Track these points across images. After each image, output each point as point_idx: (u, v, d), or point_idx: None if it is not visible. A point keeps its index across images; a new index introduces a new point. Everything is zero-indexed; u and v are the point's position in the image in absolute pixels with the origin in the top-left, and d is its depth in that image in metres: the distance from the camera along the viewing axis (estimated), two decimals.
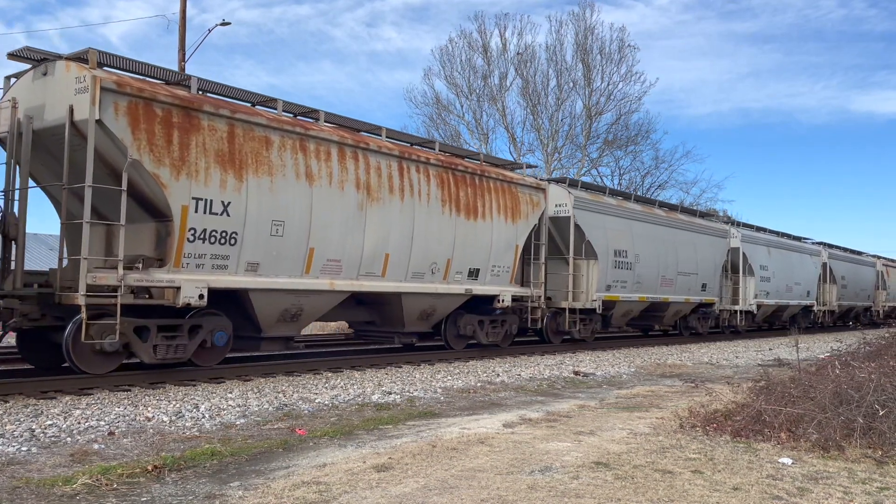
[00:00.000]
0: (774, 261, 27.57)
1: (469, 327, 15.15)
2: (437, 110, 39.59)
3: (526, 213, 16.04)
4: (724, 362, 16.56)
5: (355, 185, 12.12)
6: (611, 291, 18.57)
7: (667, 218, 21.79)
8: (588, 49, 38.26)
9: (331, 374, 11.78)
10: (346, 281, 12.16)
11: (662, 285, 20.71)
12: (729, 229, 25.49)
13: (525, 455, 6.23)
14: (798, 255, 30.17)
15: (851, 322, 37.12)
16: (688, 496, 5.08)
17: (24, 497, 4.86)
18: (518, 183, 15.91)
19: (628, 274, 19.26)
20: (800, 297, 29.92)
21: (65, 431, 6.96)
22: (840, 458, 6.21)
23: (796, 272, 29.53)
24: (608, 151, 39.93)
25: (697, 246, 22.70)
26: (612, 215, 19.05)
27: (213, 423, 7.63)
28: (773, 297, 27.42)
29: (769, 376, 8.87)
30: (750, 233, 26.97)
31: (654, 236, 20.62)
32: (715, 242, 23.99)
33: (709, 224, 24.40)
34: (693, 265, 22.30)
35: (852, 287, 36.43)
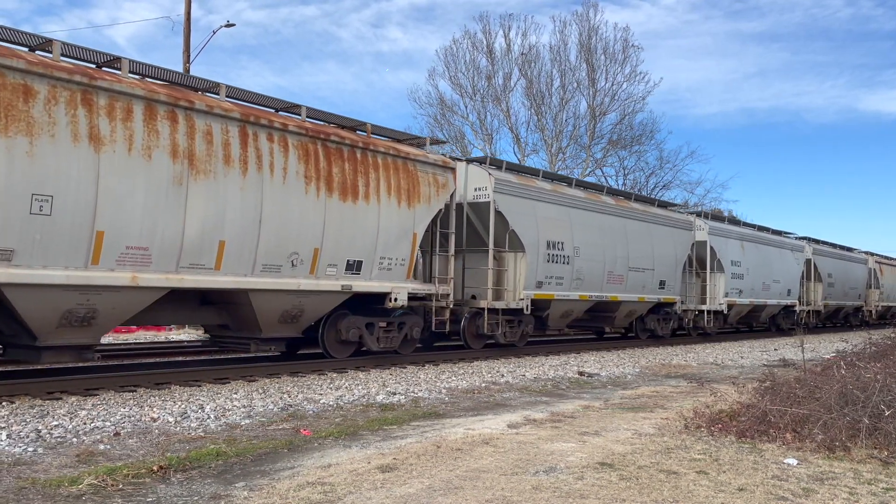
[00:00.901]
0: (749, 256, 25.33)
1: (354, 331, 12.68)
2: (442, 111, 39.67)
3: (428, 196, 13.55)
4: (730, 362, 16.53)
5: (170, 154, 9.59)
6: (543, 289, 16.27)
7: (616, 206, 19.33)
8: (592, 49, 38.28)
9: (335, 375, 11.80)
10: (159, 275, 9.60)
11: (610, 282, 18.39)
12: (694, 220, 23.27)
13: (530, 455, 6.23)
14: (777, 251, 27.86)
15: (841, 323, 35.76)
16: (693, 497, 5.07)
17: (30, 497, 4.88)
18: (417, 160, 13.36)
19: (565, 269, 16.82)
20: (779, 295, 27.63)
21: (70, 432, 6.98)
22: (846, 459, 6.19)
23: (775, 269, 27.29)
24: (612, 152, 39.96)
25: (655, 238, 20.36)
26: (546, 202, 16.64)
27: (218, 424, 7.64)
28: (748, 296, 25.22)
29: (774, 377, 8.85)
30: (719, 225, 24.78)
31: (600, 226, 18.22)
32: (676, 235, 21.61)
33: (669, 214, 21.89)
34: (648, 260, 19.96)
35: (840, 285, 34.07)
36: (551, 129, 38.60)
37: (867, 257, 38.46)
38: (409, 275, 13.43)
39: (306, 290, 11.53)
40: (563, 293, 16.92)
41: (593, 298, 17.89)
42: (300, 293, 11.48)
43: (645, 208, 20.65)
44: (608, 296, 18.36)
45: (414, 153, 13.47)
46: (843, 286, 34.26)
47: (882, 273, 39.67)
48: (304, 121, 11.79)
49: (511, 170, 16.86)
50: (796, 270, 29.19)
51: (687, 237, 22.26)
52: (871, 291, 38.61)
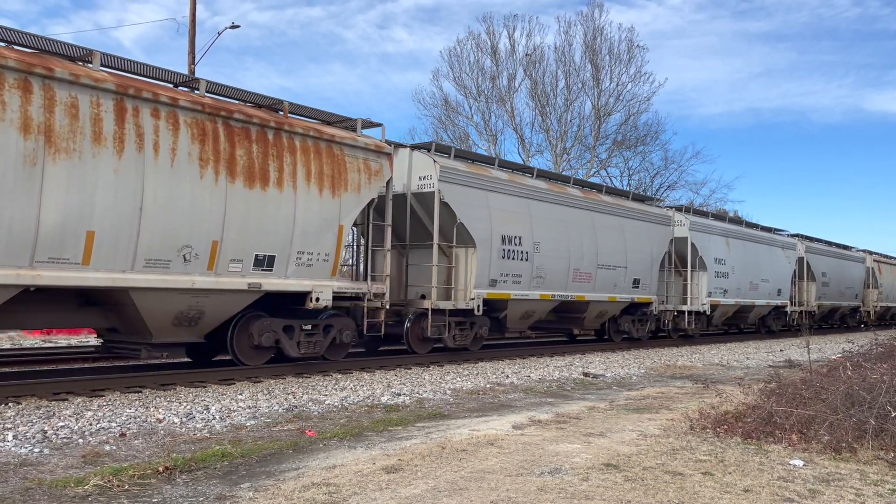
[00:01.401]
0: (735, 253, 23.81)
1: (268, 335, 11.29)
2: (446, 111, 39.69)
3: (357, 184, 12.07)
4: (735, 363, 16.49)
5: (20, 129, 8.31)
6: (498, 288, 14.95)
7: (583, 199, 17.82)
8: (597, 50, 38.27)
9: (340, 376, 11.80)
10: (6, 270, 8.31)
11: (576, 281, 17.00)
12: (672, 215, 21.63)
13: (535, 456, 6.22)
14: (766, 248, 26.21)
15: (837, 325, 34.52)
16: (698, 498, 5.06)
17: (36, 498, 4.89)
18: (344, 143, 11.93)
19: (523, 266, 15.49)
20: (768, 295, 26.04)
21: (76, 433, 7.00)
22: (852, 460, 6.17)
23: (764, 267, 25.66)
24: (617, 152, 39.94)
25: (628, 234, 18.91)
26: (501, 192, 15.28)
27: (224, 425, 7.66)
28: (733, 296, 23.68)
29: (780, 378, 8.83)
30: (701, 220, 22.99)
31: (564, 220, 16.80)
32: (653, 230, 20.08)
33: (644, 208, 20.32)
34: (620, 257, 18.55)
35: (836, 285, 32.28)
36: (556, 130, 38.62)
37: (865, 256, 36.86)
38: (335, 272, 11.87)
39: (204, 289, 10.19)
40: (522, 292, 15.49)
41: (557, 298, 16.50)
42: (197, 292, 10.14)
43: (617, 201, 19.15)
44: (574, 295, 16.93)
45: (340, 136, 11.94)
46: (838, 286, 32.58)
47: (881, 272, 38.05)
48: (203, 96, 10.38)
49: (461, 157, 15.59)
50: (787, 269, 27.66)
51: (665, 233, 20.79)
52: (870, 291, 36.94)
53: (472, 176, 14.79)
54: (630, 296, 19.07)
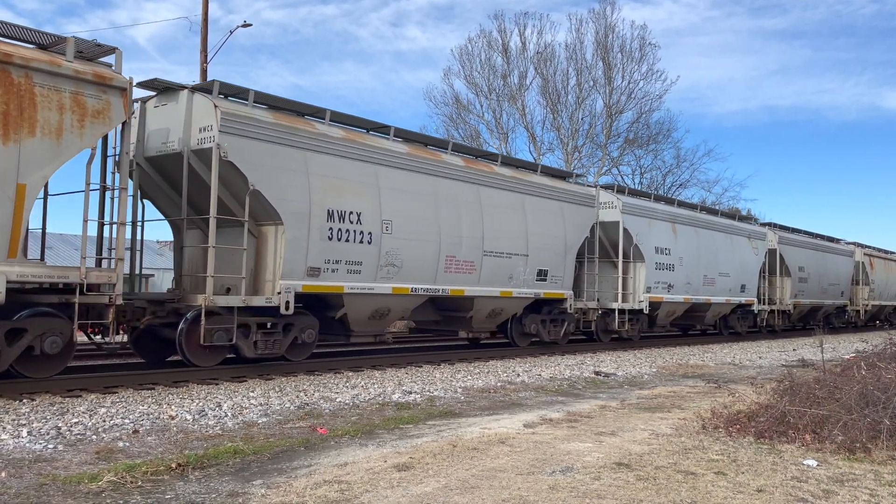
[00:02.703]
0: (684, 242, 20.66)
1: None
2: (457, 110, 39.67)
3: (54, 127, 8.74)
4: (748, 363, 16.41)
5: None
6: (321, 279, 11.55)
7: (465, 169, 14.30)
8: (609, 47, 38.13)
9: (351, 374, 11.83)
10: None
11: (451, 271, 13.73)
12: (598, 194, 18.31)
13: (546, 455, 6.21)
14: (726, 237, 22.97)
15: (819, 325, 29.85)
16: (711, 498, 5.04)
17: (50, 494, 4.93)
18: (31, 67, 8.53)
19: (365, 251, 12.11)
20: (729, 292, 22.91)
21: (90, 429, 7.05)
22: (866, 460, 6.13)
23: (723, 259, 22.45)
24: (629, 150, 39.80)
25: (530, 214, 15.67)
26: (330, 153, 11.81)
27: (236, 422, 7.69)
28: (681, 292, 20.39)
29: (793, 377, 8.77)
30: (638, 202, 19.55)
31: (435, 194, 13.47)
32: (569, 211, 16.82)
33: (556, 184, 16.75)
34: (518, 242, 15.27)
35: (816, 281, 28.62)
36: (567, 128, 38.51)
37: (854, 249, 33.22)
38: (15, 251, 8.54)
39: None
40: (363, 284, 12.09)
41: (421, 293, 13.23)
42: None
43: (517, 174, 15.79)
44: (447, 289, 13.70)
45: (22, 55, 8.52)
46: (820, 282, 28.95)
47: (873, 267, 34.25)
48: None
49: (268, 104, 11.64)
50: (754, 262, 24.33)
51: (587, 215, 17.43)
52: (859, 288, 33.22)
53: (281, 129, 11.15)
54: (533, 290, 15.65)
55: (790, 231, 28.42)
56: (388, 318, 13.30)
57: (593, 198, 17.94)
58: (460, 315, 14.81)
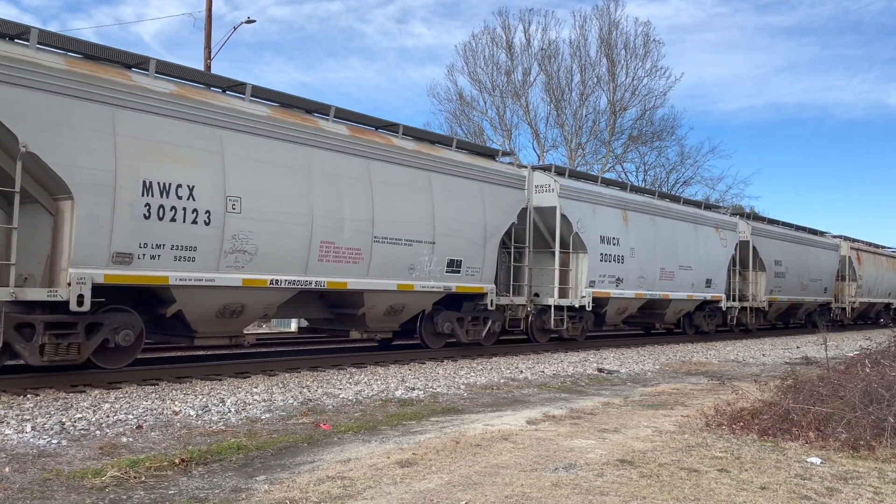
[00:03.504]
0: (636, 231, 18.38)
1: None
2: (461, 106, 39.64)
3: None
4: (751, 360, 16.38)
5: None
6: (135, 267, 9.42)
7: (350, 139, 12.04)
8: (612, 44, 38.07)
9: (354, 370, 11.84)
10: None
11: (328, 259, 11.46)
12: (530, 175, 16.18)
13: (549, 452, 6.21)
14: (689, 227, 20.66)
15: (801, 323, 29.17)
16: (714, 495, 5.03)
17: (54, 489, 4.95)
18: None
19: (205, 235, 9.94)
20: (692, 287, 20.51)
21: (94, 425, 7.07)
22: (870, 458, 6.12)
23: (685, 251, 20.20)
24: (633, 147, 39.72)
25: (439, 195, 13.34)
26: (149, 111, 9.58)
27: (239, 418, 7.70)
28: (633, 287, 18.16)
29: (797, 375, 8.76)
30: (579, 185, 17.08)
31: (307, 169, 11.26)
32: (491, 193, 14.54)
33: (474, 162, 14.56)
34: (421, 227, 12.99)
35: (796, 276, 26.32)
36: (571, 125, 38.48)
37: (839, 242, 31.01)
38: None
39: None
40: (200, 275, 9.91)
41: (285, 286, 10.94)
42: None
43: (420, 148, 13.43)
44: (323, 281, 11.41)
45: None
46: (800, 277, 26.70)
47: (860, 262, 31.81)
48: None
49: (51, 46, 9.31)
50: (722, 255, 22.10)
51: (514, 199, 15.38)
52: (845, 285, 30.87)
53: (77, 79, 8.95)
54: (443, 284, 13.49)
55: (766, 221, 26.47)
56: (245, 317, 10.96)
57: (523, 179, 15.75)
58: (350, 312, 12.58)
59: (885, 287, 34.70)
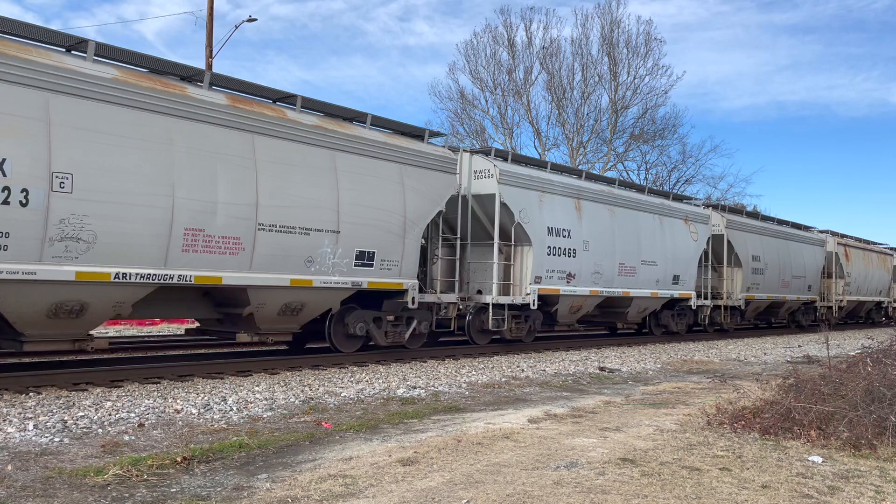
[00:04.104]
0: (592, 223, 16.77)
1: None
2: (462, 105, 39.62)
3: None
4: (753, 359, 16.38)
5: None
6: None
7: (226, 109, 10.31)
8: (614, 43, 38.04)
9: (356, 369, 11.85)
10: None
11: (193, 249, 9.84)
12: (462, 158, 14.76)
13: (550, 450, 6.21)
14: (654, 220, 18.99)
15: (781, 323, 27.83)
16: (716, 494, 5.03)
17: (56, 487, 4.95)
18: None
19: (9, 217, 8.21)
20: (657, 284, 18.96)
21: (96, 423, 7.08)
22: (872, 457, 6.12)
23: (649, 246, 18.61)
24: (634, 146, 39.71)
25: (345, 180, 11.62)
26: None
27: (241, 416, 7.71)
28: (587, 283, 16.54)
29: (798, 373, 8.76)
30: (522, 171, 15.41)
31: (169, 142, 9.62)
32: (412, 179, 12.86)
33: (388, 142, 12.65)
34: (324, 214, 11.35)
35: (776, 272, 24.79)
36: (572, 124, 38.45)
37: (825, 238, 29.34)
38: None
39: None
40: (15, 267, 8.29)
41: (137, 280, 9.32)
42: None
43: (322, 123, 11.60)
44: (189, 275, 9.81)
45: None
46: (780, 274, 25.09)
47: (848, 258, 30.05)
48: None
49: None
50: (692, 249, 20.57)
51: (442, 184, 13.55)
52: (831, 282, 29.17)
53: None
54: (351, 279, 11.85)
55: (743, 214, 24.96)
56: (88, 317, 9.30)
57: (453, 163, 14.01)
58: (236, 312, 10.99)
59: (875, 285, 33.24)
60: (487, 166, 14.70)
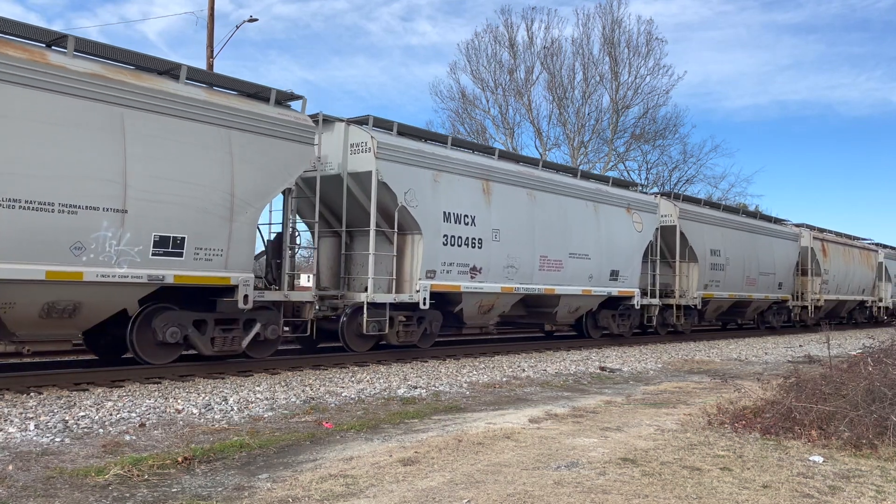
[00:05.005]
0: (502, 209, 14.51)
1: None
2: (463, 105, 39.62)
3: None
4: (754, 359, 16.37)
5: None
6: None
7: None
8: (615, 42, 38.02)
9: (357, 369, 11.85)
10: None
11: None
12: (338, 130, 12.80)
13: (551, 450, 6.21)
14: (584, 206, 16.66)
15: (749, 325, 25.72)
16: (716, 493, 5.03)
17: (57, 487, 4.96)
18: None
19: None
20: (589, 280, 16.69)
21: (97, 423, 7.08)
22: (872, 457, 6.11)
23: (580, 236, 16.43)
24: (635, 146, 39.69)
25: (134, 146, 9.39)
26: None
27: (242, 416, 7.71)
28: (498, 280, 14.40)
29: (799, 373, 8.75)
30: (403, 143, 12.97)
31: None
32: (243, 148, 10.43)
33: (209, 100, 10.23)
34: (103, 190, 9.06)
35: (740, 269, 22.58)
36: (573, 123, 38.43)
37: (800, 231, 26.92)
38: None
39: None
40: None
41: None
42: None
43: (106, 72, 9.36)
44: None
45: None
46: (745, 270, 22.87)
47: (825, 254, 27.66)
48: None
49: None
50: (635, 241, 18.26)
51: (292, 155, 11.08)
52: (806, 280, 26.77)
53: None
54: (147, 272, 9.50)
55: (701, 203, 22.60)
56: None
57: (309, 131, 11.33)
58: None
59: (857, 283, 30.78)
60: (364, 138, 12.51)
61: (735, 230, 22.77)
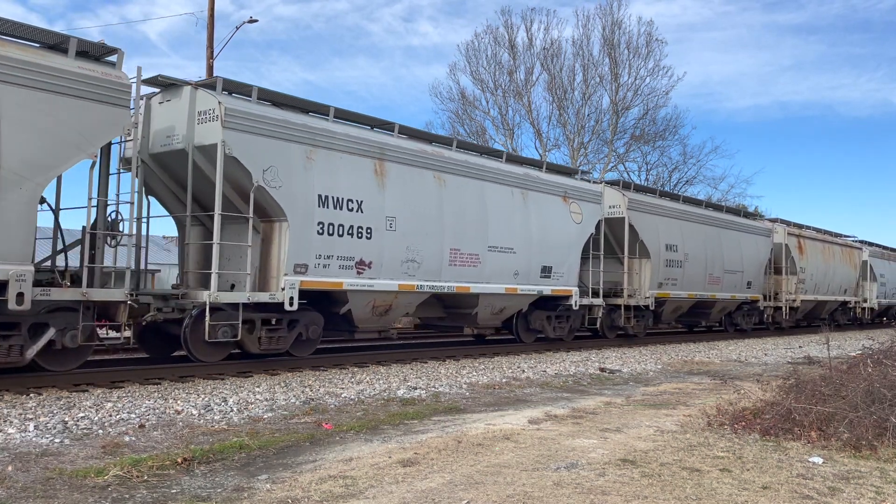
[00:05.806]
0: (401, 195, 12.59)
1: None
2: (463, 106, 39.62)
3: None
4: (753, 360, 16.37)
5: None
6: None
7: None
8: (615, 44, 38.04)
9: (356, 369, 11.85)
10: None
11: None
12: (183, 95, 10.71)
13: (550, 451, 6.21)
14: (513, 194, 14.86)
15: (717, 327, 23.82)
16: (716, 495, 5.03)
17: (57, 488, 4.96)
18: None
19: None
20: (515, 277, 14.77)
21: (96, 424, 7.08)
22: (872, 458, 6.11)
23: (503, 228, 14.53)
24: (635, 147, 39.70)
25: None
26: None
27: (241, 417, 7.71)
28: (391, 276, 12.36)
29: (799, 374, 8.75)
30: (265, 112, 10.85)
31: None
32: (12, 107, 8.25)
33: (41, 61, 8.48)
34: None
35: (701, 266, 20.53)
36: (573, 124, 38.44)
37: (772, 226, 24.92)
38: None
39: None
40: None
41: None
42: None
43: None
44: None
45: None
46: (707, 267, 20.79)
47: (802, 251, 25.72)
48: None
49: None
50: (573, 235, 16.33)
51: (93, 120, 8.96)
52: (781, 279, 24.91)
53: None
54: None
55: (656, 194, 20.43)
56: None
57: (122, 91, 9.24)
58: None
59: (838, 282, 28.79)
60: (211, 105, 10.39)
61: (696, 224, 20.70)
